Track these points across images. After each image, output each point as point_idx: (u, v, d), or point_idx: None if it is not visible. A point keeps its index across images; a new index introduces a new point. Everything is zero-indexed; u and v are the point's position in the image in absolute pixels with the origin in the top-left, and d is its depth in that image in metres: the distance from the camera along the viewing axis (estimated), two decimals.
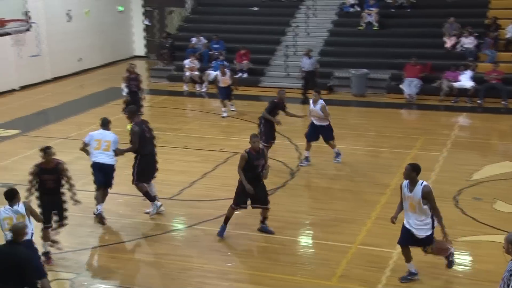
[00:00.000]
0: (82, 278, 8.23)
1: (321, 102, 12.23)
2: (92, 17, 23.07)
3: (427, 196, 7.51)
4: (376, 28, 20.44)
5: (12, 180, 11.72)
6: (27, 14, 14.20)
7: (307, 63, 17.76)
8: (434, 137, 14.53)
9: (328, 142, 12.56)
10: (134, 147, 9.81)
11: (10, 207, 7.30)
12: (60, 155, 13.05)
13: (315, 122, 12.37)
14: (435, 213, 7.57)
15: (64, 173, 8.64)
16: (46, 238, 8.58)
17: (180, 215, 10.34)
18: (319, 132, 12.44)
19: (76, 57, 22.26)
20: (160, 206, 10.05)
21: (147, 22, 25.45)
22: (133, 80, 14.29)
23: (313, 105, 12.29)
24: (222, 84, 16.40)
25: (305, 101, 17.60)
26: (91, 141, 9.89)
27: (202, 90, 19.50)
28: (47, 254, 8.54)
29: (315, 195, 11.16)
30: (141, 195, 10.08)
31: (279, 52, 20.51)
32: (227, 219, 9.25)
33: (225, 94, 16.59)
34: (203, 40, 20.88)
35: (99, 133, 9.95)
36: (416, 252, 7.99)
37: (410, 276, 7.94)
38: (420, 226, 7.60)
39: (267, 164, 9.13)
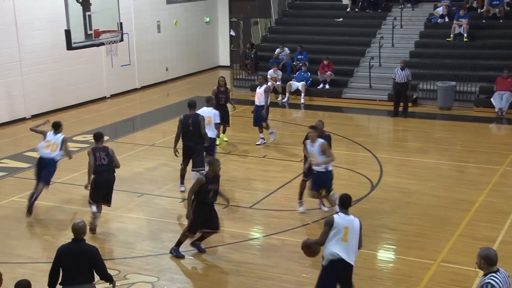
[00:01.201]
0: (163, 282, 8.43)
1: (320, 140, 9.89)
2: (180, 27, 23.76)
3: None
4: (466, 40, 19.79)
5: None
6: (120, 25, 14.82)
7: (400, 75, 17.33)
8: None
9: (326, 197, 10.05)
10: (176, 134, 11.41)
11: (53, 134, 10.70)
12: (144, 162, 13.60)
13: (315, 168, 9.95)
14: None
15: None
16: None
17: (259, 224, 10.41)
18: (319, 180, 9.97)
19: (163, 66, 22.98)
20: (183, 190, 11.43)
21: (232, 33, 25.92)
22: (222, 93, 14.43)
23: (311, 146, 9.93)
24: (256, 100, 14.54)
25: (396, 114, 17.28)
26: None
27: (284, 100, 19.59)
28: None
29: (397, 209, 10.89)
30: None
31: (363, 64, 20.28)
32: (179, 243, 9.03)
33: (255, 116, 14.44)
34: (287, 50, 20.99)
35: (201, 111, 11.99)
36: None
37: None
38: None
39: (220, 190, 8.92)
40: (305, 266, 8.81)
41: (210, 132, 11.82)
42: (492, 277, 5.68)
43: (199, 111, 11.73)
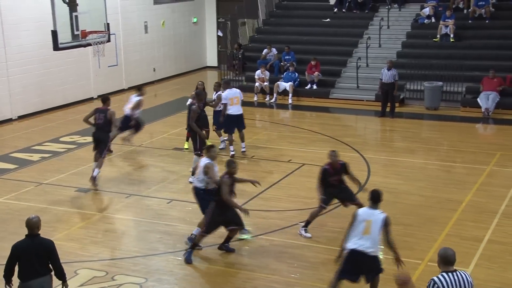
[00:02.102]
0: (151, 283, 8.40)
1: (205, 161, 9.23)
2: (167, 28, 23.69)
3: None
4: (452, 40, 19.92)
5: (88, 185, 12.17)
6: (107, 26, 14.76)
7: (387, 75, 17.36)
8: (511, 153, 13.97)
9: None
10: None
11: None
12: (132, 163, 13.53)
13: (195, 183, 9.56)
14: None
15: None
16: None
17: (246, 225, 10.35)
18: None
19: (150, 67, 22.90)
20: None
21: (220, 33, 25.89)
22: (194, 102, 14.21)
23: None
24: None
25: (383, 114, 17.34)
26: (227, 99, 13.26)
27: (272, 101, 19.62)
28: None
29: (384, 209, 10.85)
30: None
31: (350, 64, 20.34)
32: (195, 245, 9.05)
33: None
34: (274, 51, 21.01)
35: (229, 92, 13.26)
36: None
37: None
38: None
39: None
40: (293, 266, 8.83)
41: (236, 109, 13.36)
42: (439, 276, 5.67)
43: (225, 93, 13.29)
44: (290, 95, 19.43)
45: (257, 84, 19.80)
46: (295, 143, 14.93)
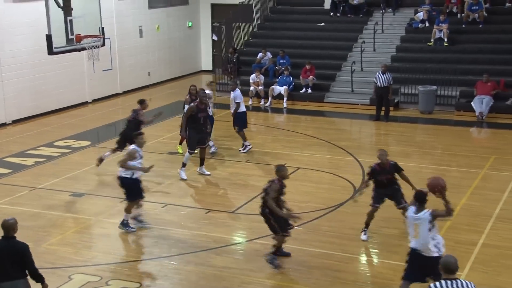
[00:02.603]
0: None
1: (131, 147, 10.08)
2: (162, 32, 23.69)
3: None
4: (446, 44, 20.00)
5: (83, 189, 12.15)
6: (102, 30, 14.75)
7: (381, 79, 17.41)
8: (506, 157, 14.01)
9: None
10: None
11: None
12: None
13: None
14: None
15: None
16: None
17: (242, 229, 10.39)
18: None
19: (145, 71, 22.88)
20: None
21: (215, 38, 25.90)
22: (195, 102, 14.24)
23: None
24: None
25: (377, 118, 17.37)
26: (241, 99, 14.14)
27: (267, 104, 19.63)
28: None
29: (379, 213, 10.89)
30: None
31: (345, 68, 20.39)
32: (276, 248, 8.96)
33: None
34: (269, 55, 21.04)
35: (239, 92, 14.19)
36: None
37: None
38: None
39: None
40: (288, 271, 8.82)
41: (244, 107, 14.29)
42: (437, 282, 5.62)
43: (236, 93, 14.06)
44: (285, 99, 19.45)
45: (251, 88, 19.82)
46: (290, 147, 14.94)
